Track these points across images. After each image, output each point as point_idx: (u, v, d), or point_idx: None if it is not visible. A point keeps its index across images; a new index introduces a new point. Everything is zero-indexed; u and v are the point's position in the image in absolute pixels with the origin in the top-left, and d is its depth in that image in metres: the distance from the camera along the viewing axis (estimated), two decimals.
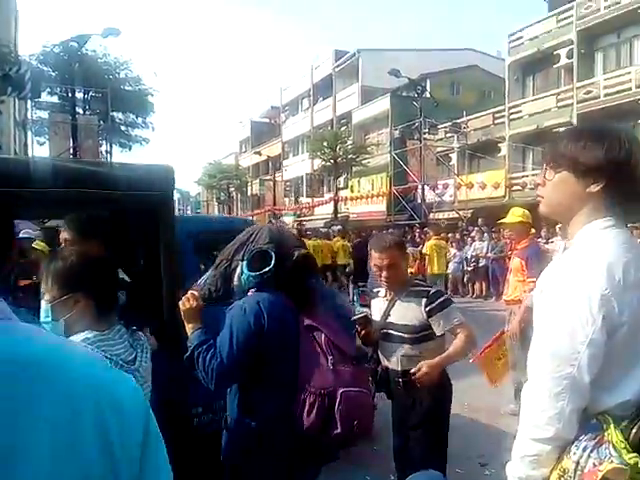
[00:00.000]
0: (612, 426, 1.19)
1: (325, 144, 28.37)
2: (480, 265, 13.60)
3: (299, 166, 37.56)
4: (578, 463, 1.19)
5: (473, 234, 14.67)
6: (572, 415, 1.22)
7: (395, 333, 2.58)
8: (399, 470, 2.73)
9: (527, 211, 4.57)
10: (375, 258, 2.62)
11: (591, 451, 1.18)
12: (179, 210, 57.40)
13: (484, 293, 13.55)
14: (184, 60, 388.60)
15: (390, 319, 2.61)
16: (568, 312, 1.21)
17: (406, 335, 2.54)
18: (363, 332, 2.56)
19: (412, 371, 2.42)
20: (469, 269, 14.03)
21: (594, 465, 1.17)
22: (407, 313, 2.56)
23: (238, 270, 1.95)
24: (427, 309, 2.50)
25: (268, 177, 37.97)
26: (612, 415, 1.21)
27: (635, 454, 1.16)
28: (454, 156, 24.64)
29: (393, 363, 2.62)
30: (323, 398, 1.77)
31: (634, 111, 16.79)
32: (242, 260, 1.94)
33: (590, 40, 19.29)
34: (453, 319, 2.51)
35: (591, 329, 1.18)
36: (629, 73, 17.57)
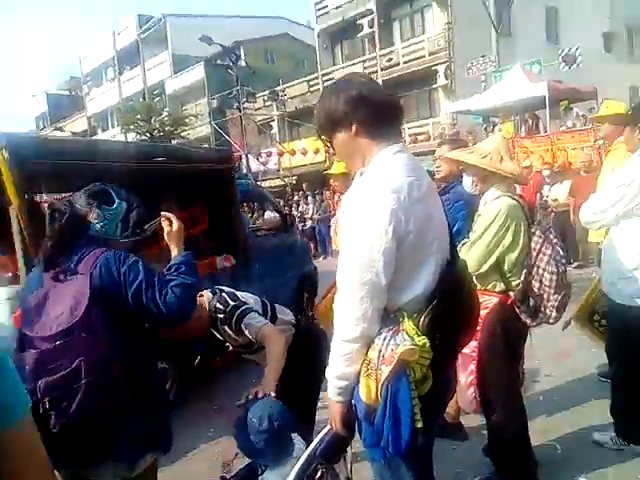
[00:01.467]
0: (406, 318, 1.43)
1: (138, 117, 26.38)
2: (306, 227, 14.00)
3: None
4: (380, 351, 1.40)
5: (296, 198, 15.12)
6: (374, 314, 1.42)
7: None
8: None
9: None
10: None
11: (390, 339, 1.41)
12: None
13: (313, 252, 14.07)
14: None
15: None
16: (366, 227, 1.39)
17: None
18: None
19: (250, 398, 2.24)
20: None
21: (392, 350, 1.39)
22: None
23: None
24: None
25: None
26: (406, 309, 1.45)
27: (424, 337, 1.41)
28: (275, 124, 24.86)
29: None
30: None
31: (429, 76, 18.65)
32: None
33: (387, 9, 20.73)
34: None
35: (384, 239, 1.38)
36: (422, 41, 19.36)
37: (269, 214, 9.13)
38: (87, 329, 1.63)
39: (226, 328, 2.45)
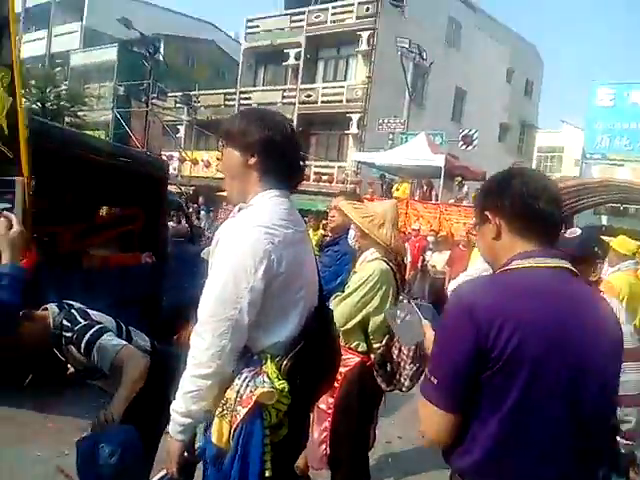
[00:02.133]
0: (269, 360, 1.43)
1: (33, 82, 24.06)
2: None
3: None
4: (238, 392, 1.39)
5: (190, 210, 14.64)
6: (231, 352, 1.40)
7: None
8: None
9: None
10: None
11: (249, 381, 1.40)
12: None
13: None
14: None
15: None
16: (236, 263, 1.39)
17: None
18: None
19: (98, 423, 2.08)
20: None
21: (251, 392, 1.38)
22: None
23: None
24: None
25: None
26: (270, 352, 1.45)
27: (284, 381, 1.41)
28: (182, 128, 24.06)
29: None
30: None
31: (344, 121, 19.32)
32: None
33: (315, 48, 21.31)
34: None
35: (253, 278, 1.38)
36: (342, 87, 20.10)
37: (182, 223, 9.07)
38: None
39: (72, 348, 2.18)
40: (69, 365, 2.30)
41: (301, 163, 1.61)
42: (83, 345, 2.14)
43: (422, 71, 17.13)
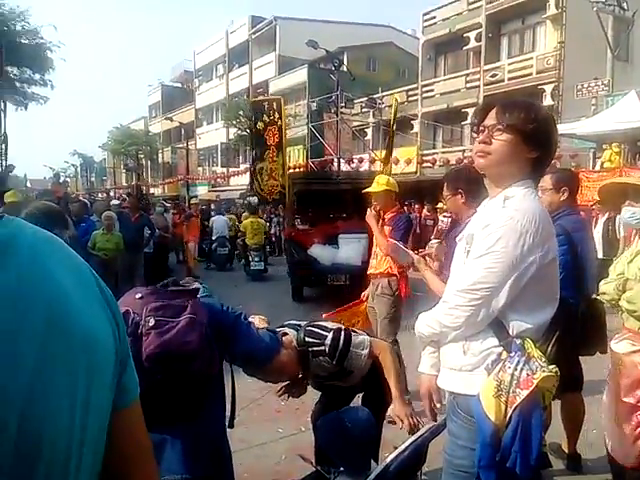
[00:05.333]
0: (532, 345, 1.50)
1: (241, 113, 27.70)
2: None
3: (213, 135, 36.43)
4: (513, 375, 1.45)
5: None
6: (479, 317, 1.52)
7: None
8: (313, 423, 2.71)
9: (392, 179, 4.49)
10: None
11: (524, 364, 1.46)
12: (82, 176, 53.86)
13: None
14: (90, 13, 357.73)
15: None
16: (508, 249, 1.48)
17: None
18: None
19: None
20: None
21: (527, 375, 1.44)
22: None
23: None
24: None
25: (180, 145, 36.51)
26: (530, 337, 1.52)
27: (554, 365, 1.48)
28: (369, 131, 25.11)
29: None
30: None
31: (534, 95, 18.01)
32: None
33: (497, 25, 20.28)
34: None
35: (520, 265, 1.48)
36: (531, 59, 18.77)
37: None
38: None
39: (321, 359, 2.27)
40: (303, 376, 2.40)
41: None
42: (337, 355, 2.24)
43: (625, 23, 15.02)
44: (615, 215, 8.40)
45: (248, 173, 28.12)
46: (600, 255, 8.48)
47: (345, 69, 23.02)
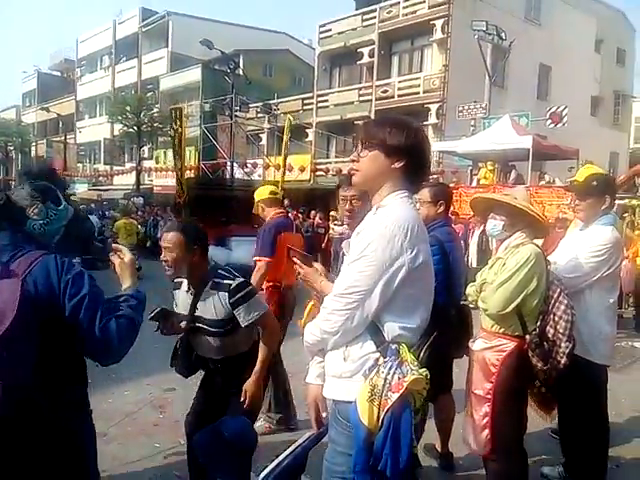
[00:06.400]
0: (406, 350, 1.54)
1: (128, 108, 26.14)
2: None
3: (96, 129, 34.01)
4: (385, 379, 1.49)
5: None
6: (354, 322, 1.54)
7: (203, 326, 2.50)
8: (188, 435, 2.65)
9: (274, 186, 4.48)
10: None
11: (396, 368, 1.50)
12: None
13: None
14: None
15: (197, 312, 2.51)
16: (377, 253, 1.52)
17: (214, 329, 2.48)
18: (164, 327, 2.51)
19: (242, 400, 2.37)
20: None
21: (399, 378, 1.49)
22: (211, 308, 2.48)
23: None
24: (230, 302, 2.41)
25: (58, 138, 33.65)
26: (404, 342, 1.56)
27: (425, 369, 1.54)
28: (264, 136, 24.95)
29: (205, 353, 2.60)
30: None
31: (421, 113, 19.06)
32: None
33: (389, 43, 21.22)
34: (254, 312, 2.45)
35: (389, 268, 1.52)
36: (418, 79, 19.85)
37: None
38: (8, 347, 1.35)
39: (216, 298, 2.42)
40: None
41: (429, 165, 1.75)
42: (237, 296, 2.37)
43: (502, 52, 16.44)
44: None
45: (134, 172, 26.70)
46: (475, 264, 9.22)
47: (241, 72, 22.67)
